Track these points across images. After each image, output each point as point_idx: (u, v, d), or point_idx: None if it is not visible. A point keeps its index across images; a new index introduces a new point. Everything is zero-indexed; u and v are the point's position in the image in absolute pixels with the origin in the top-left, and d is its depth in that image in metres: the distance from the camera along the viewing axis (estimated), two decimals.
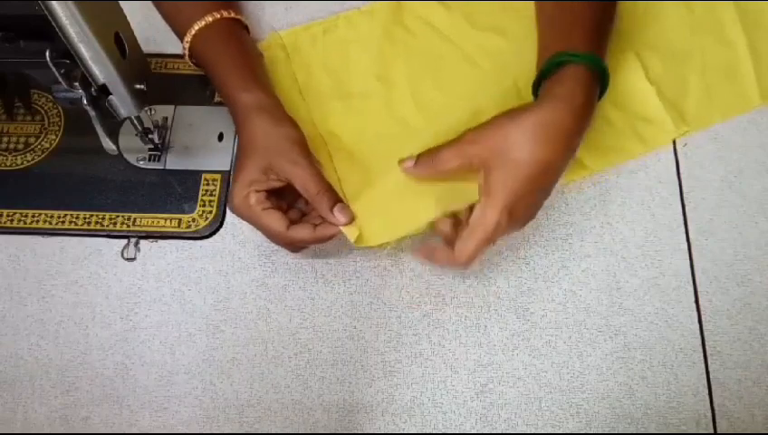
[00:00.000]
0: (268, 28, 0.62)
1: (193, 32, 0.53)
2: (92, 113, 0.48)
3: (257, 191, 0.49)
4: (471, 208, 0.47)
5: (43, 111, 0.59)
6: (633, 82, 0.59)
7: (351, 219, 0.49)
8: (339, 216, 0.48)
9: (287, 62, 0.61)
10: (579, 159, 0.57)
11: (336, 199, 0.49)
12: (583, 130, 0.47)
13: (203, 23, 0.53)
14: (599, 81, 0.48)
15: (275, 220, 0.48)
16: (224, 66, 0.53)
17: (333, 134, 0.58)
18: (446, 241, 0.49)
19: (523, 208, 0.46)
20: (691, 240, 0.56)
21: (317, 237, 0.49)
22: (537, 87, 0.50)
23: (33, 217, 0.56)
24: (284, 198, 0.51)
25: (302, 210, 0.52)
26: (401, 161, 0.50)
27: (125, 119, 0.49)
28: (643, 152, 0.58)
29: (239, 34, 0.56)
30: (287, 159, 0.49)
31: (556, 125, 0.45)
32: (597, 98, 0.48)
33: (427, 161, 0.49)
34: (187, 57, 0.56)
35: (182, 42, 0.55)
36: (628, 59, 0.60)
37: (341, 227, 0.49)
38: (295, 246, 0.52)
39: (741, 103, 0.60)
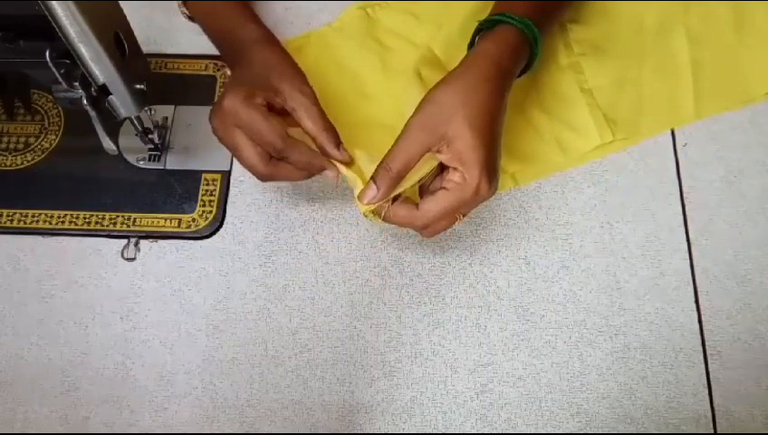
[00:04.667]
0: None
1: None
2: (92, 113, 0.48)
3: (261, 96, 0.46)
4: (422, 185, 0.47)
5: (43, 111, 0.59)
6: (564, 89, 0.60)
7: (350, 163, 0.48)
8: (344, 153, 0.47)
9: None
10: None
11: (339, 140, 0.48)
12: (506, 84, 0.48)
13: None
14: (528, 45, 0.50)
15: (276, 120, 0.45)
16: (227, 8, 0.55)
17: None
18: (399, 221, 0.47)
19: (495, 169, 0.46)
20: (691, 240, 0.56)
21: (311, 160, 0.47)
22: (473, 44, 0.52)
23: (33, 217, 0.56)
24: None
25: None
26: (360, 196, 0.46)
27: (125, 119, 0.49)
28: (561, 162, 0.58)
29: None
30: (296, 87, 0.47)
31: (484, 82, 0.46)
32: (523, 60, 0.50)
33: (386, 176, 0.45)
34: (182, 7, 0.58)
35: None
36: (565, 65, 0.60)
37: (345, 171, 0.47)
38: (273, 167, 0.47)
39: (673, 118, 0.59)
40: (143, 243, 0.56)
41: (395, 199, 0.46)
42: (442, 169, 0.47)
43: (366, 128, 0.58)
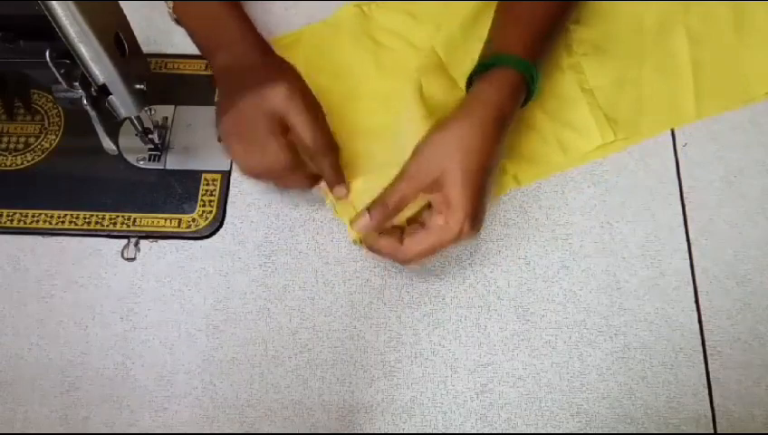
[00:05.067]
0: (267, 29, 0.62)
1: None
2: (92, 113, 0.48)
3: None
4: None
5: (43, 111, 0.59)
6: (565, 89, 0.60)
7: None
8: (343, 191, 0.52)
9: None
10: (503, 167, 0.57)
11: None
12: (506, 128, 0.49)
13: None
14: (526, 83, 0.50)
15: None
16: (223, 10, 0.55)
17: None
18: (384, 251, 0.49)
19: (480, 213, 0.47)
20: (691, 240, 0.56)
21: (316, 173, 0.51)
22: (470, 84, 0.52)
23: (33, 217, 0.56)
24: None
25: None
26: (353, 222, 0.49)
27: (125, 119, 0.49)
28: (563, 162, 0.58)
29: None
30: (319, 129, 0.49)
31: (483, 127, 0.47)
32: (521, 99, 0.50)
33: (381, 210, 0.48)
34: (171, 12, 0.57)
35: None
36: (565, 65, 0.60)
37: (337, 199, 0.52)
38: (291, 166, 0.49)
39: (673, 118, 0.59)
40: (143, 243, 0.56)
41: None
42: (430, 204, 0.49)
43: (355, 129, 0.58)
